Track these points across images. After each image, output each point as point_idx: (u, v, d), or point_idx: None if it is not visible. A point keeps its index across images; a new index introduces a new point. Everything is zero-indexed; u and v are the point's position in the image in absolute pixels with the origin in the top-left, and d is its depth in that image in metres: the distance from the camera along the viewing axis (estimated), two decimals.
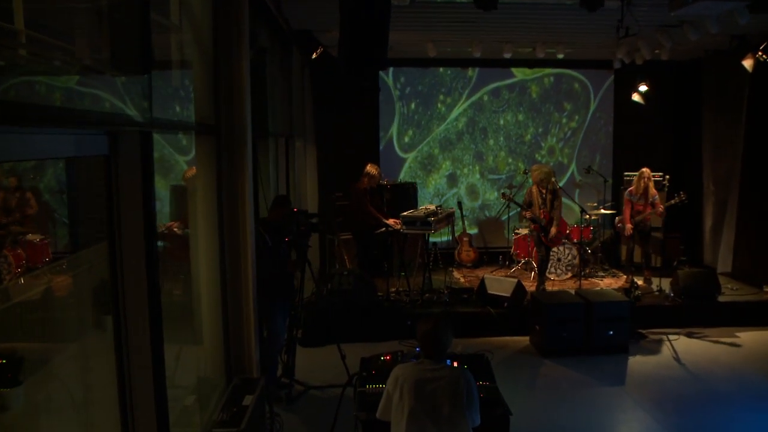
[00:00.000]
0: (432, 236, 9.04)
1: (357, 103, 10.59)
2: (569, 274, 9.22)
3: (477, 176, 11.16)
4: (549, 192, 8.25)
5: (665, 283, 8.46)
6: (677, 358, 6.92)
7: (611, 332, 7.00)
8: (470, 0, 6.18)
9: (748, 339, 7.57)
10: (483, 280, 7.95)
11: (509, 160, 11.16)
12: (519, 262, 9.79)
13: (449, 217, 8.60)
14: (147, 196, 2.98)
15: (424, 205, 8.95)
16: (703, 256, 10.28)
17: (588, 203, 10.25)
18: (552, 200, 8.24)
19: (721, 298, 8.18)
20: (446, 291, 8.20)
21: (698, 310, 7.99)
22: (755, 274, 8.91)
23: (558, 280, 9.14)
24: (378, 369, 4.24)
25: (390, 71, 10.80)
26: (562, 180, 11.11)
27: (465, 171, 11.14)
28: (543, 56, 9.30)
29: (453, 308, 7.75)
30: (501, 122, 11.06)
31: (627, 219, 8.59)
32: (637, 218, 8.52)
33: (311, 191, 9.99)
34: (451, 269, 9.87)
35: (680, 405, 5.79)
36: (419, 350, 3.53)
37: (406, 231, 7.87)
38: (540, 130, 11.12)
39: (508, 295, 7.62)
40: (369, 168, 8.29)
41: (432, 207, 8.25)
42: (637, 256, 9.07)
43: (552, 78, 11.03)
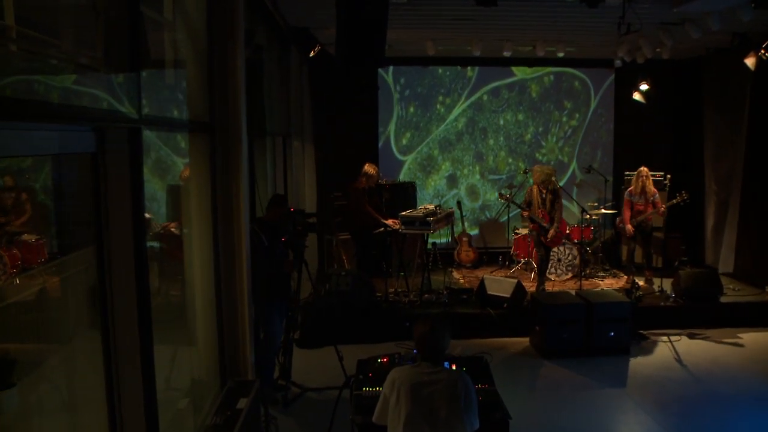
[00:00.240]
0: (431, 236, 8.97)
1: (356, 102, 10.54)
2: (569, 275, 9.15)
3: (477, 177, 11.08)
4: (549, 192, 8.18)
5: (666, 284, 8.41)
6: (679, 360, 6.86)
7: (612, 333, 6.95)
8: None
9: (750, 340, 7.51)
10: (482, 281, 7.88)
11: (509, 160, 11.09)
12: (519, 263, 9.72)
13: (448, 217, 8.52)
14: (136, 195, 2.90)
15: (423, 205, 8.87)
16: (705, 257, 10.20)
17: (588, 203, 10.19)
18: (552, 201, 8.17)
19: (723, 299, 8.12)
20: (445, 292, 8.14)
21: (700, 311, 7.93)
22: (757, 275, 8.84)
23: (558, 281, 9.07)
24: (375, 371, 4.17)
25: (390, 70, 10.73)
26: (563, 179, 11.04)
27: (465, 171, 11.06)
28: (543, 54, 9.20)
29: (452, 309, 7.68)
30: (501, 122, 10.98)
31: (626, 220, 8.53)
32: (638, 218, 8.45)
33: (309, 191, 9.91)
34: (451, 270, 9.80)
35: (682, 407, 5.74)
36: (416, 353, 3.46)
37: (405, 231, 7.80)
38: (540, 129, 11.04)
39: (508, 296, 7.56)
40: (367, 168, 8.21)
41: (431, 207, 8.18)
42: (638, 257, 9.03)
43: (552, 76, 10.95)
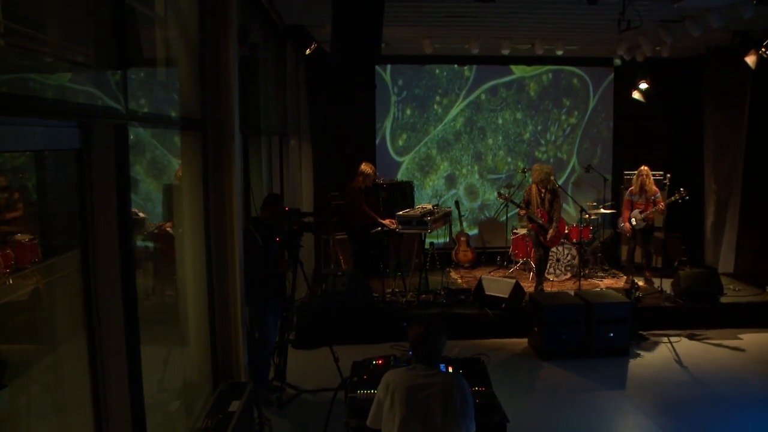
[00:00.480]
0: (429, 236, 8.89)
1: (353, 101, 10.45)
2: (568, 275, 9.08)
3: (476, 176, 11.00)
4: (548, 192, 8.10)
5: (666, 284, 8.34)
6: (679, 361, 6.79)
7: (611, 334, 6.88)
8: None
9: (751, 341, 7.44)
10: (480, 281, 7.81)
11: (508, 159, 11.01)
12: (517, 263, 9.64)
13: (446, 217, 8.44)
14: (122, 193, 2.82)
15: (421, 205, 8.80)
16: (705, 257, 10.13)
17: (587, 202, 10.12)
18: (551, 200, 8.09)
19: (723, 299, 8.05)
20: (443, 292, 8.06)
21: (700, 312, 7.86)
22: (758, 275, 8.77)
23: (557, 281, 9.00)
24: (370, 374, 4.09)
25: (388, 68, 10.64)
26: (563, 176, 10.97)
27: (464, 171, 10.98)
28: (542, 53, 9.11)
29: (450, 309, 7.60)
30: (500, 121, 10.90)
31: (625, 218, 8.54)
32: (639, 218, 8.41)
33: (306, 190, 9.83)
34: (449, 270, 9.73)
35: (682, 409, 5.67)
36: (411, 355, 3.38)
37: (402, 231, 7.71)
38: (539, 128, 10.96)
39: (506, 297, 7.49)
40: (363, 167, 8.13)
41: (428, 206, 8.09)
42: (638, 257, 8.97)
43: (550, 74, 10.87)
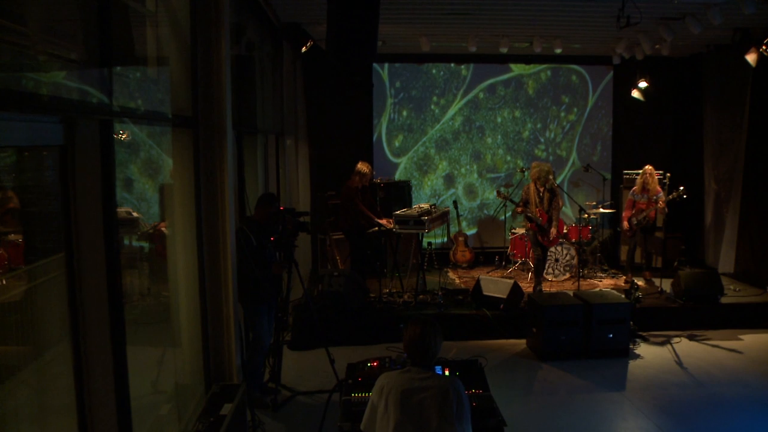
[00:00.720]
0: (427, 236, 8.81)
1: (350, 100, 10.38)
2: (567, 275, 9.00)
3: (475, 175, 10.92)
4: (547, 191, 8.01)
5: (666, 284, 8.28)
6: (679, 362, 6.71)
7: (611, 335, 6.81)
8: None
9: (752, 342, 7.36)
10: (478, 281, 7.73)
11: (508, 158, 10.93)
12: (516, 263, 9.57)
13: (444, 217, 8.35)
14: (107, 192, 2.74)
15: (418, 204, 8.71)
16: (705, 257, 10.06)
17: (587, 202, 10.05)
18: (550, 199, 8.01)
19: (724, 300, 7.97)
20: (441, 292, 7.97)
21: (700, 312, 7.79)
22: (758, 275, 8.70)
23: (556, 281, 8.92)
24: (364, 376, 4.02)
25: (385, 67, 10.56)
26: (562, 174, 10.90)
27: (462, 171, 10.90)
28: (540, 51, 9.03)
29: (447, 310, 7.52)
30: (498, 119, 10.83)
31: (624, 218, 8.58)
32: (639, 216, 8.36)
33: (303, 190, 9.74)
34: (446, 270, 9.66)
35: (682, 411, 5.59)
36: (406, 357, 3.30)
37: (399, 230, 7.62)
38: (538, 126, 10.89)
39: (505, 297, 7.41)
40: (360, 166, 8.05)
41: (426, 206, 8.00)
42: (638, 257, 8.91)
43: (549, 72, 10.79)
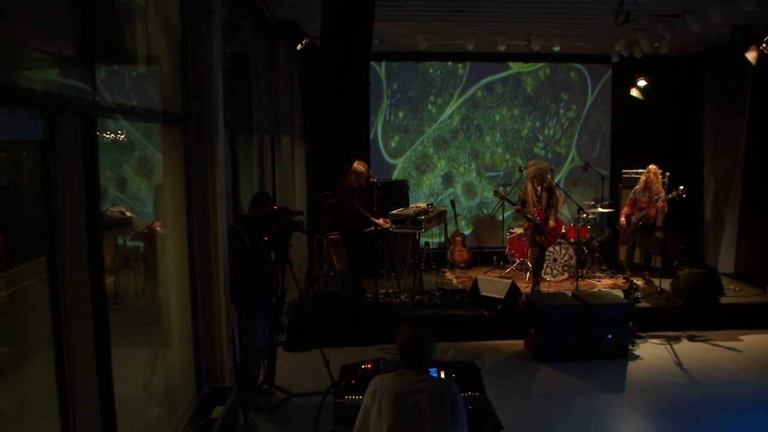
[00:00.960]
0: (424, 236, 8.73)
1: (347, 99, 10.29)
2: (566, 275, 8.93)
3: (474, 174, 10.84)
4: (544, 190, 7.93)
5: (665, 284, 8.21)
6: (678, 363, 6.64)
7: (610, 336, 6.74)
8: None
9: (752, 342, 7.29)
10: (476, 282, 7.65)
11: (507, 156, 10.85)
12: (514, 263, 9.49)
13: (441, 216, 8.28)
14: (91, 190, 2.65)
15: (415, 203, 8.64)
16: (705, 256, 9.99)
17: (585, 201, 9.98)
18: (548, 198, 7.92)
19: (724, 300, 7.90)
20: (438, 293, 7.89)
21: (700, 313, 7.71)
22: (758, 275, 8.63)
23: (554, 281, 8.85)
24: (358, 378, 3.93)
25: (383, 66, 10.48)
26: (562, 170, 10.83)
27: (461, 170, 10.82)
28: (538, 49, 8.94)
29: (445, 310, 7.45)
30: (497, 118, 10.75)
31: (623, 214, 8.59)
32: (639, 215, 8.31)
33: (299, 189, 9.66)
34: (444, 270, 9.58)
35: (682, 413, 5.52)
36: (400, 359, 3.22)
37: (396, 230, 7.55)
38: (537, 123, 10.81)
39: (502, 297, 7.33)
40: (356, 165, 7.96)
41: (423, 205, 7.93)
42: (637, 257, 8.85)
43: (548, 69, 10.71)
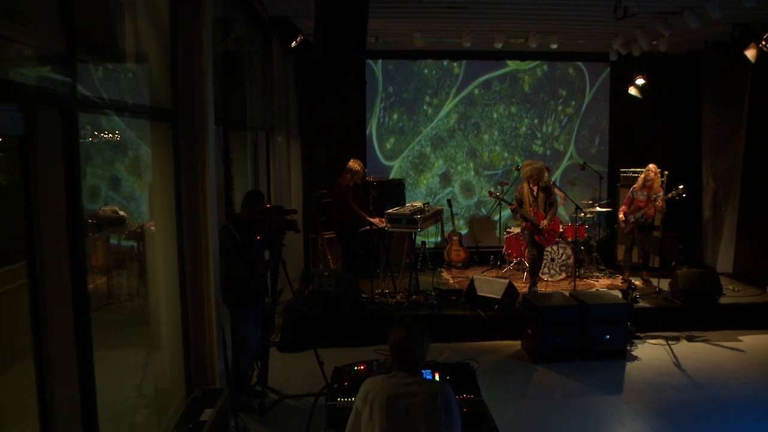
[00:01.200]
0: (420, 235, 8.65)
1: (343, 97, 10.20)
2: (563, 275, 8.85)
3: (471, 173, 10.77)
4: (541, 189, 7.85)
5: (664, 284, 8.15)
6: (677, 364, 6.57)
7: (608, 336, 6.67)
8: None
9: (751, 342, 7.23)
10: (472, 282, 7.57)
11: (505, 155, 10.78)
12: (511, 263, 9.42)
13: (437, 215, 8.20)
14: (72, 187, 2.57)
15: (411, 203, 8.56)
16: (703, 256, 9.92)
17: (583, 201, 9.91)
18: (546, 198, 7.84)
19: (723, 300, 7.84)
20: (434, 292, 7.82)
21: (698, 313, 7.65)
22: (757, 275, 8.57)
23: (551, 281, 8.77)
24: (351, 380, 3.86)
25: (379, 64, 10.41)
26: (560, 167, 10.77)
27: (459, 169, 10.75)
28: (536, 47, 8.86)
29: (441, 311, 7.37)
30: (494, 116, 10.68)
31: (621, 211, 8.53)
32: (637, 214, 8.24)
33: (295, 188, 9.58)
34: (440, 270, 9.51)
35: (681, 414, 5.46)
36: (392, 361, 3.14)
37: (392, 229, 7.47)
38: (535, 121, 10.73)
39: (499, 297, 7.26)
40: (351, 163, 7.88)
41: (419, 204, 7.85)
42: (635, 256, 8.78)
43: (545, 66, 10.64)
